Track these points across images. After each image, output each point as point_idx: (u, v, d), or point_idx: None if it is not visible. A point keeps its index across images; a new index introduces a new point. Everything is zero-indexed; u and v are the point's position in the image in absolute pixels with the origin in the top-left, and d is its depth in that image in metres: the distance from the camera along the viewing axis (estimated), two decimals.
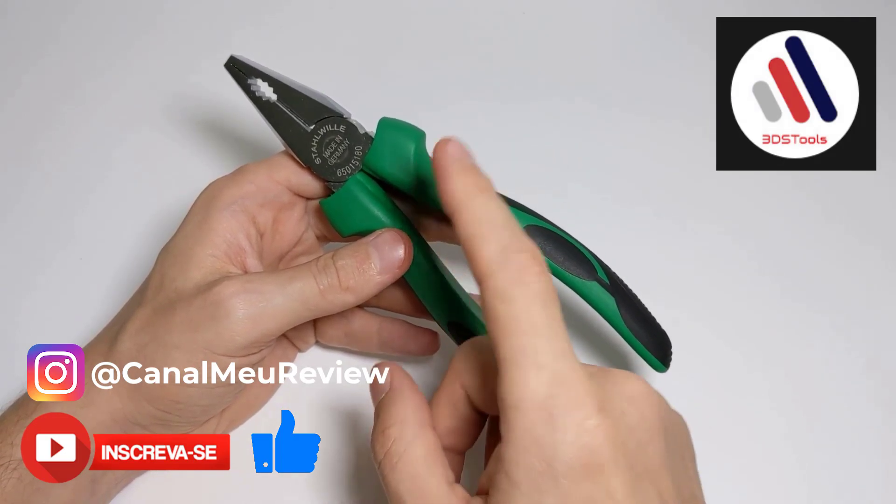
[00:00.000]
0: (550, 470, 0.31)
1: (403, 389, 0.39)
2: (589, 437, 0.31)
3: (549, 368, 0.32)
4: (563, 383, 0.32)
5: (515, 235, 0.34)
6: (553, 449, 0.31)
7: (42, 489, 0.42)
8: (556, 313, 0.33)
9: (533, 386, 0.32)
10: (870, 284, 0.58)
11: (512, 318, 0.33)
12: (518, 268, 0.33)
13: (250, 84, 0.46)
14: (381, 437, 0.37)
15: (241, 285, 0.42)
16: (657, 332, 0.47)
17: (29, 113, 0.67)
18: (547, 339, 0.32)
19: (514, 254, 0.33)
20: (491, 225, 0.34)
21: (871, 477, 0.51)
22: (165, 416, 0.43)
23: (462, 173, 0.36)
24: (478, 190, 0.36)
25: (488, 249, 0.34)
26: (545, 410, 0.31)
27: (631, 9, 0.73)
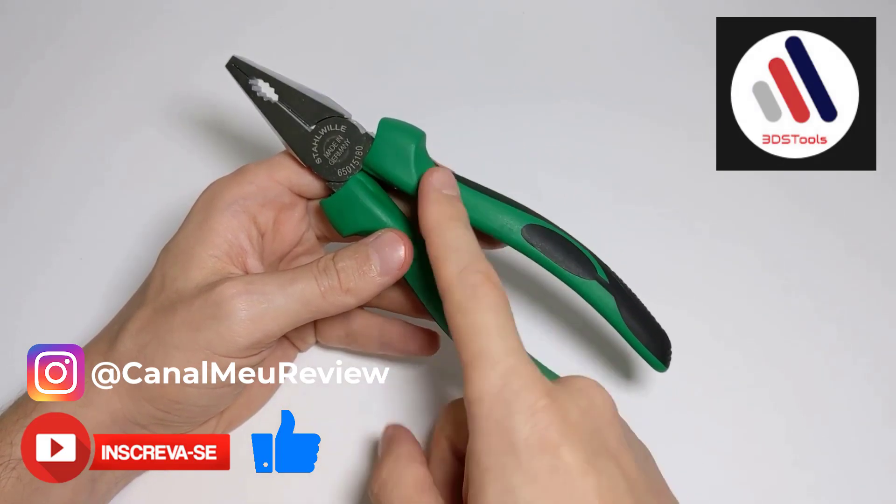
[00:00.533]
0: (512, 448, 0.35)
1: (399, 435, 0.44)
2: (540, 415, 0.35)
3: (502, 363, 0.36)
4: (514, 373, 0.36)
5: (473, 258, 0.40)
6: (511, 429, 0.35)
7: (42, 489, 0.41)
8: (508, 320, 0.38)
9: (489, 379, 0.36)
10: (870, 284, 0.58)
11: (469, 327, 0.38)
12: (473, 284, 0.38)
13: (251, 84, 0.46)
14: (376, 472, 0.41)
15: (242, 286, 0.42)
16: (657, 331, 0.47)
17: (29, 112, 0.67)
18: (499, 340, 0.37)
19: (471, 274, 0.39)
20: (453, 249, 0.40)
21: (871, 477, 0.51)
22: (165, 416, 0.43)
23: (438, 202, 0.42)
24: (448, 218, 0.41)
25: (449, 270, 0.39)
26: (501, 398, 0.36)
27: (631, 9, 0.73)
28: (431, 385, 0.52)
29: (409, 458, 0.41)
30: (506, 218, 0.45)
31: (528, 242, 0.45)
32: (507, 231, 0.45)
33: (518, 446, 0.35)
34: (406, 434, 0.45)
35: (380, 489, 0.40)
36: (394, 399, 0.52)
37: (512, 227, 0.45)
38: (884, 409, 0.53)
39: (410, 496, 0.39)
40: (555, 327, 0.55)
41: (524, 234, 0.45)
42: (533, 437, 0.35)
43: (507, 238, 0.45)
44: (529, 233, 0.45)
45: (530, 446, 0.35)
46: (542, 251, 0.45)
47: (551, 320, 0.55)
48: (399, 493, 0.39)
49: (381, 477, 0.40)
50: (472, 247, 0.40)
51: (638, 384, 0.53)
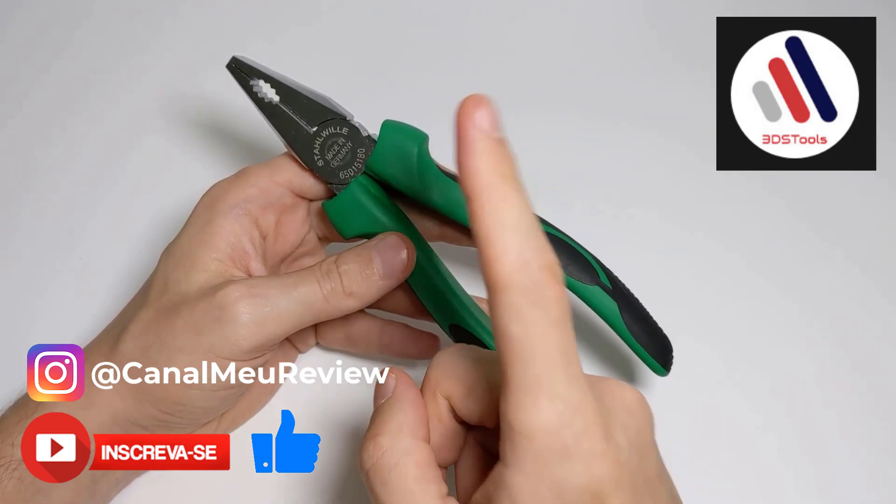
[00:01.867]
0: (560, 498, 0.30)
1: (405, 398, 0.36)
2: (598, 464, 0.30)
3: (563, 399, 0.30)
4: (576, 413, 0.30)
5: (539, 246, 0.30)
6: (563, 478, 0.30)
7: (43, 489, 0.41)
8: (571, 338, 0.31)
9: (546, 415, 0.30)
10: (870, 284, 0.58)
11: (527, 342, 0.30)
12: (538, 287, 0.30)
13: (252, 85, 0.45)
14: (370, 444, 0.34)
15: (246, 290, 0.42)
16: (659, 336, 0.47)
17: (35, 115, 0.67)
18: (562, 368, 0.30)
19: (535, 271, 0.30)
20: (513, 228, 0.30)
21: (854, 482, 0.51)
22: (167, 417, 0.43)
23: (486, 154, 0.31)
24: (501, 178, 0.31)
25: (508, 260, 0.30)
26: (558, 440, 0.30)
27: (630, 8, 0.73)
28: None
29: (414, 433, 0.35)
30: None
31: None
32: None
33: (567, 497, 0.30)
34: (412, 395, 0.36)
35: (374, 469, 0.34)
36: None
37: None
38: (884, 414, 0.53)
39: (413, 489, 0.33)
40: None
41: None
42: (587, 489, 0.30)
43: None
44: None
45: (581, 498, 0.30)
46: None
47: None
48: (399, 482, 0.33)
49: (377, 454, 0.34)
50: (534, 226, 0.31)
51: (640, 388, 0.53)
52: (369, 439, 0.34)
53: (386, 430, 0.34)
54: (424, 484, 0.33)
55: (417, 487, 0.33)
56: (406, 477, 0.33)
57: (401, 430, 0.34)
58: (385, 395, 0.36)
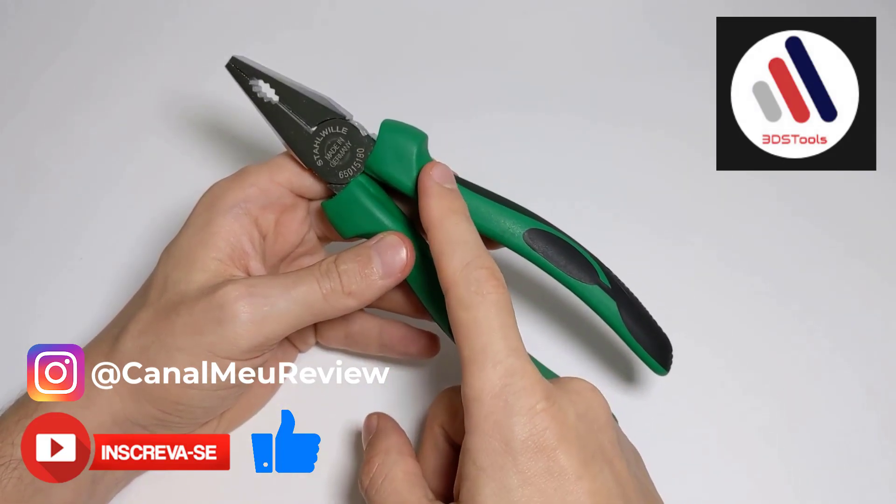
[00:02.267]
0: (509, 449, 0.36)
1: (387, 427, 0.44)
2: (539, 418, 0.36)
3: (503, 363, 0.37)
4: (515, 374, 0.37)
5: (477, 253, 0.40)
6: (510, 430, 0.36)
7: (42, 489, 0.41)
8: (510, 318, 0.38)
9: (490, 378, 0.37)
10: (870, 284, 0.58)
11: (471, 323, 0.38)
12: (477, 281, 0.38)
13: (252, 85, 0.45)
14: (366, 467, 0.42)
15: (245, 289, 0.42)
16: (658, 335, 0.47)
17: (35, 116, 0.66)
18: (501, 339, 0.37)
19: (475, 269, 0.39)
20: (457, 243, 0.40)
21: (865, 483, 0.51)
22: (167, 417, 0.43)
23: (440, 196, 0.42)
24: (450, 212, 0.41)
25: (453, 264, 0.39)
26: (501, 398, 0.36)
27: (630, 8, 0.73)
28: (432, 386, 0.53)
29: (399, 451, 0.42)
30: (508, 222, 0.45)
31: (531, 247, 0.45)
32: (510, 235, 0.45)
33: (515, 447, 0.36)
34: (393, 425, 0.45)
35: (370, 484, 0.41)
36: (394, 399, 0.52)
37: (514, 232, 0.45)
38: (884, 416, 0.53)
39: (401, 490, 0.40)
40: (557, 331, 0.55)
41: (526, 238, 0.45)
42: (531, 439, 0.36)
43: (509, 242, 0.45)
44: (532, 237, 0.45)
45: (527, 448, 0.36)
46: (544, 255, 0.45)
47: (554, 324, 0.55)
48: (390, 487, 0.40)
49: (371, 471, 0.41)
50: (475, 241, 0.40)
51: (639, 387, 0.53)
52: (365, 464, 0.42)
53: (376, 453, 0.42)
54: (411, 486, 0.40)
55: (405, 488, 0.40)
56: (396, 482, 0.40)
57: (388, 450, 0.42)
58: (371, 432, 0.44)
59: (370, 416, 0.46)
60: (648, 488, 0.41)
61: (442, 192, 0.42)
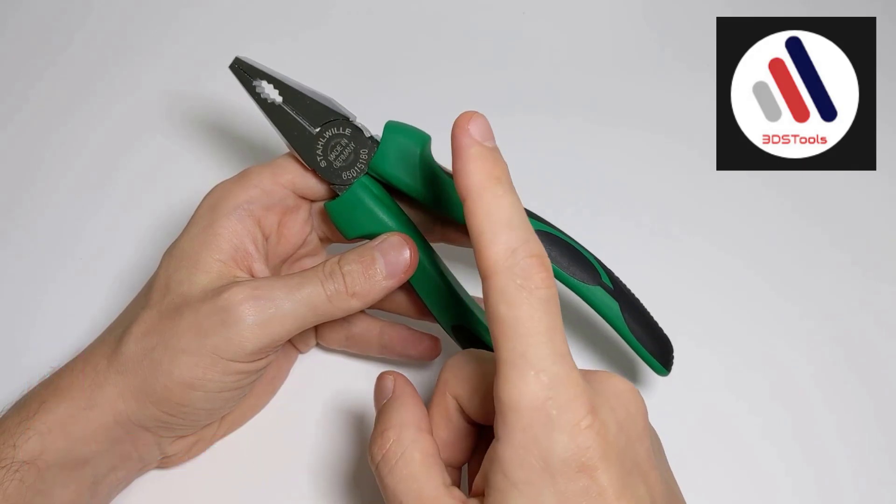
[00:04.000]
0: (547, 468, 0.32)
1: (405, 396, 0.39)
2: (583, 437, 0.32)
3: (547, 372, 0.33)
4: (559, 385, 0.33)
5: (526, 237, 0.34)
6: (550, 448, 0.32)
7: (44, 491, 0.41)
8: (558, 319, 0.34)
9: (532, 388, 0.33)
10: (870, 285, 0.58)
11: (514, 322, 0.33)
12: (525, 272, 0.33)
13: (255, 86, 0.45)
14: (379, 439, 0.37)
15: (250, 291, 0.42)
16: (660, 336, 0.47)
17: (36, 116, 0.66)
18: (547, 344, 0.33)
19: (523, 258, 0.33)
20: (502, 222, 0.34)
21: (864, 485, 0.51)
22: (170, 419, 0.43)
23: (478, 159, 0.35)
24: (494, 180, 0.35)
25: (497, 248, 0.34)
26: (543, 412, 0.32)
27: (630, 9, 0.73)
28: (433, 384, 0.52)
29: (418, 427, 0.38)
30: None
31: None
32: None
33: (554, 466, 0.32)
34: (411, 392, 0.40)
35: (383, 461, 0.37)
36: None
37: None
38: (884, 417, 0.53)
39: (418, 475, 0.36)
40: None
41: None
42: (573, 458, 0.32)
43: None
44: None
45: (568, 468, 0.32)
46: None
47: None
48: (406, 470, 0.36)
49: (385, 446, 0.37)
50: (523, 220, 0.34)
51: (641, 388, 0.53)
52: (377, 435, 0.38)
53: (391, 425, 0.37)
54: (429, 470, 0.36)
55: (422, 473, 0.36)
56: (412, 464, 0.36)
57: (405, 424, 0.37)
58: (385, 396, 0.40)
59: (385, 376, 0.40)
60: (675, 491, 0.39)
61: (482, 153, 0.35)
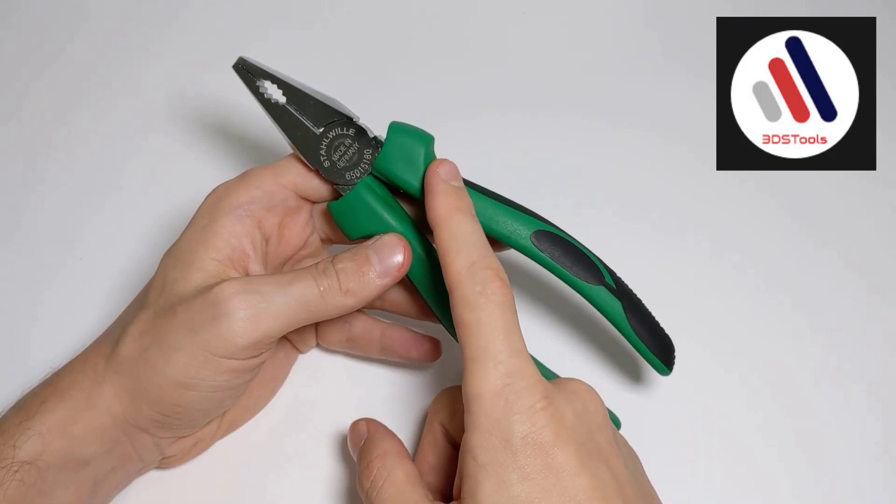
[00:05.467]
0: (509, 446, 0.36)
1: (380, 432, 0.45)
2: (538, 416, 0.37)
3: (505, 363, 0.37)
4: (516, 374, 0.37)
5: (483, 253, 0.40)
6: (509, 428, 0.36)
7: (44, 491, 0.41)
8: (513, 319, 0.39)
9: (491, 378, 0.37)
10: (870, 285, 0.58)
11: (475, 323, 0.38)
12: (482, 281, 0.39)
13: (259, 86, 0.45)
14: (365, 471, 0.42)
15: (240, 286, 0.41)
16: (661, 336, 0.47)
17: (37, 115, 0.66)
18: (504, 340, 0.38)
19: (480, 269, 0.39)
20: (463, 242, 0.40)
21: (864, 484, 0.51)
22: (165, 419, 0.43)
23: (445, 194, 0.42)
24: (456, 210, 0.41)
25: (458, 263, 0.39)
26: (502, 397, 0.37)
27: (630, 9, 0.73)
28: (432, 391, 0.52)
29: (397, 453, 0.42)
30: (516, 224, 0.45)
31: (538, 248, 0.45)
32: (517, 237, 0.45)
33: (515, 445, 0.36)
34: (384, 429, 0.45)
35: (371, 486, 0.41)
36: (395, 401, 0.53)
37: (521, 233, 0.45)
38: (885, 417, 0.53)
39: (403, 491, 0.40)
40: (563, 331, 0.55)
41: (533, 240, 0.45)
42: (530, 436, 0.36)
43: (516, 243, 0.45)
44: (538, 239, 0.45)
45: (526, 445, 0.36)
46: (550, 257, 0.45)
47: (559, 323, 0.55)
48: (392, 489, 0.40)
49: (371, 475, 0.41)
50: (481, 241, 0.41)
51: (643, 386, 0.53)
52: (364, 468, 0.43)
53: (374, 456, 0.43)
54: (413, 486, 0.41)
55: (407, 489, 0.40)
56: (397, 484, 0.41)
57: (386, 453, 0.42)
58: (361, 438, 0.45)
59: (357, 423, 0.46)
60: (646, 488, 0.41)
61: (448, 189, 0.42)
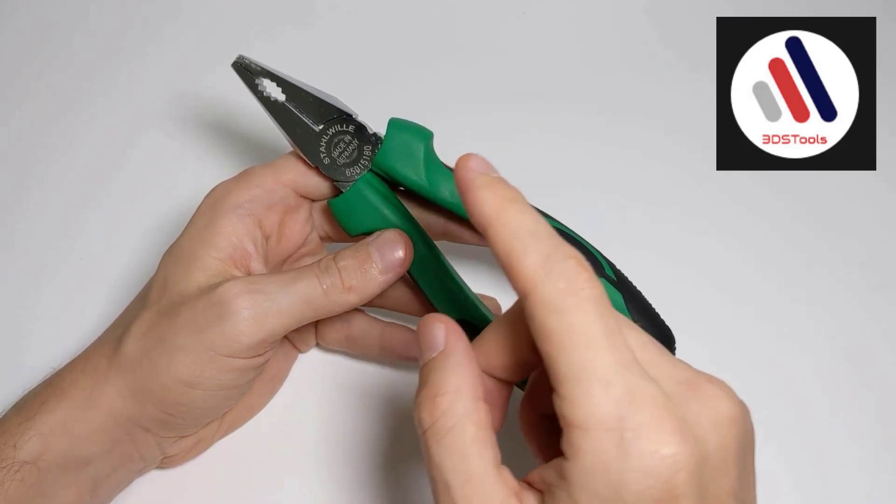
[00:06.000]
0: (618, 499, 0.29)
1: (460, 354, 0.35)
2: (664, 467, 0.28)
3: (617, 385, 0.29)
4: (635, 402, 0.29)
5: (557, 243, 0.31)
6: (622, 477, 0.28)
7: (45, 491, 0.41)
8: (614, 321, 0.30)
9: (601, 405, 0.29)
10: (870, 284, 0.58)
11: (567, 331, 0.30)
12: (566, 276, 0.30)
13: (258, 84, 0.45)
14: (429, 404, 0.33)
15: (245, 286, 0.41)
16: (661, 327, 0.48)
17: (37, 113, 0.66)
18: (609, 351, 0.29)
19: (559, 262, 0.31)
20: (528, 235, 0.32)
21: (866, 483, 0.51)
22: (168, 418, 0.43)
23: (488, 186, 0.33)
24: (507, 201, 0.33)
25: (529, 260, 0.31)
26: (616, 433, 0.29)
27: (630, 9, 0.73)
28: None
29: (474, 395, 0.33)
30: None
31: None
32: None
33: (625, 500, 0.29)
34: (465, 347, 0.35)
35: (432, 429, 0.33)
36: (395, 401, 0.52)
37: None
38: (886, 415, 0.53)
39: (468, 452, 0.32)
40: None
41: None
42: (648, 493, 0.29)
43: None
44: None
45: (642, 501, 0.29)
46: None
47: None
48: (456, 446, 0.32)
49: (436, 413, 0.33)
50: (548, 230, 0.32)
51: None
52: (428, 398, 0.33)
53: (444, 389, 0.33)
54: (481, 447, 0.32)
55: (474, 451, 0.32)
56: (464, 439, 0.32)
57: (459, 391, 0.33)
58: (435, 348, 0.35)
59: (434, 322, 0.36)
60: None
61: (490, 182, 0.34)
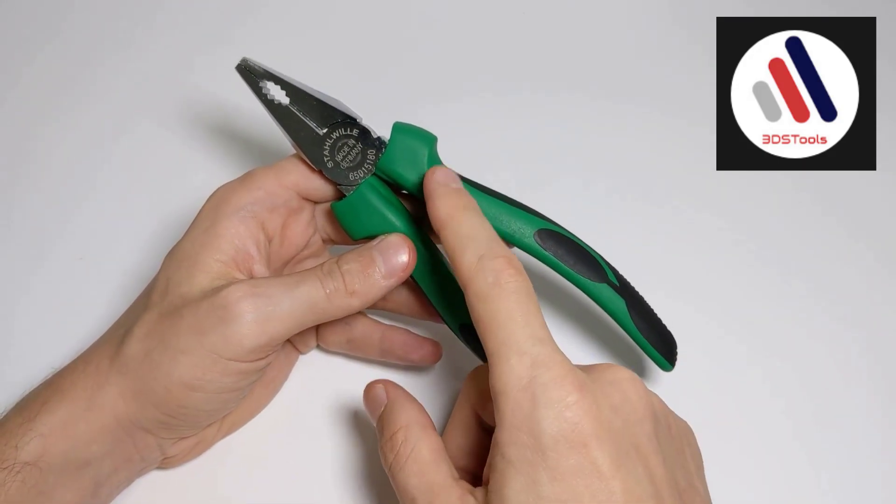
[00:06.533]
0: (538, 444, 0.34)
1: (401, 399, 0.42)
2: (569, 412, 0.35)
3: (528, 353, 0.36)
4: (542, 365, 0.35)
5: (491, 244, 0.39)
6: (538, 424, 0.34)
7: (45, 492, 0.41)
8: (532, 306, 0.37)
9: (516, 371, 0.35)
10: (868, 284, 0.58)
11: (492, 315, 0.37)
12: (494, 271, 0.37)
13: (262, 87, 0.45)
14: (389, 443, 0.40)
15: (248, 289, 0.41)
16: (664, 332, 0.48)
17: (32, 113, 0.66)
18: (524, 329, 0.36)
19: (490, 260, 0.38)
20: (469, 237, 0.39)
21: (875, 470, 0.51)
22: (169, 420, 0.43)
23: (444, 196, 0.41)
24: (457, 209, 0.41)
25: (468, 258, 0.38)
26: (528, 391, 0.35)
27: (631, 9, 0.73)
28: (433, 395, 0.52)
29: (422, 426, 0.40)
30: (519, 223, 0.45)
31: (541, 247, 0.45)
32: (521, 236, 0.45)
33: (545, 443, 0.34)
34: (405, 395, 0.43)
35: (395, 461, 0.39)
36: None
37: (525, 232, 0.45)
38: (883, 401, 0.53)
39: (428, 470, 0.38)
40: (567, 327, 0.55)
41: (537, 238, 0.45)
42: (561, 434, 0.34)
43: (520, 243, 0.45)
44: (542, 238, 0.45)
45: (557, 443, 0.34)
46: (554, 255, 0.45)
47: (564, 321, 0.55)
48: (416, 466, 0.38)
49: (395, 448, 0.39)
50: (488, 233, 0.40)
51: (646, 382, 0.53)
52: (387, 440, 0.40)
53: (398, 427, 0.40)
54: (438, 464, 0.39)
55: (432, 467, 0.38)
56: (421, 459, 0.39)
57: (410, 424, 0.40)
58: (380, 404, 0.43)
59: (374, 386, 0.43)
60: (687, 486, 0.39)
61: (447, 191, 0.41)
